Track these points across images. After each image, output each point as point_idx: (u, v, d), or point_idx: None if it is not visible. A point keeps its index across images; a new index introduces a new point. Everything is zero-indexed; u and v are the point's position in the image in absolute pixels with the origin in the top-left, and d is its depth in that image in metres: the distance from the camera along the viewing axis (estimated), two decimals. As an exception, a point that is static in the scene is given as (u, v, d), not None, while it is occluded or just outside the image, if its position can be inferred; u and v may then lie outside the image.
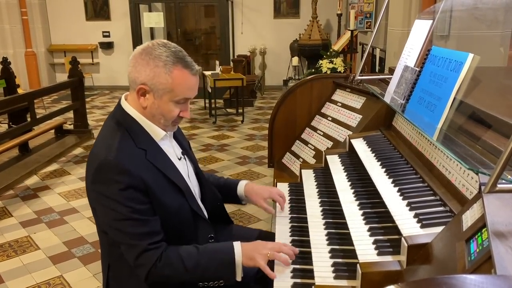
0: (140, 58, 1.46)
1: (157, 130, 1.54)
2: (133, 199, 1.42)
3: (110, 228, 1.47)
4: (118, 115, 1.54)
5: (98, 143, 1.52)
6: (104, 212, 1.47)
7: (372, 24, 7.59)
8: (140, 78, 1.46)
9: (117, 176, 1.40)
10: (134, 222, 1.42)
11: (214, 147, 5.89)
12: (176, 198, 1.54)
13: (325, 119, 2.73)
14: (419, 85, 1.85)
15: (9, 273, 2.97)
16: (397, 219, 1.37)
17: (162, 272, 1.44)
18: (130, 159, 1.43)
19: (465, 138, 1.43)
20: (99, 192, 1.44)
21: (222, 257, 1.50)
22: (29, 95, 5.40)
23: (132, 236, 1.43)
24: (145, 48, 1.48)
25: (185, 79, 1.47)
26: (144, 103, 1.49)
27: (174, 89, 1.46)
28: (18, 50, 9.96)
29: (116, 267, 1.60)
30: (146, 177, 1.44)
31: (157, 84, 1.45)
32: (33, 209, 3.98)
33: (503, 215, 0.94)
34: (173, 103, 1.49)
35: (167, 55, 1.45)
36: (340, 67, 6.10)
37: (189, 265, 1.46)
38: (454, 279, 0.61)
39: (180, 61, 1.47)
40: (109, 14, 10.33)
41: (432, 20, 2.07)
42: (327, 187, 2.04)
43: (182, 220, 1.56)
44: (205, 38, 11.45)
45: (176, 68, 1.45)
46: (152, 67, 1.44)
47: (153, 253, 1.44)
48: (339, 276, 1.38)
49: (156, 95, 1.47)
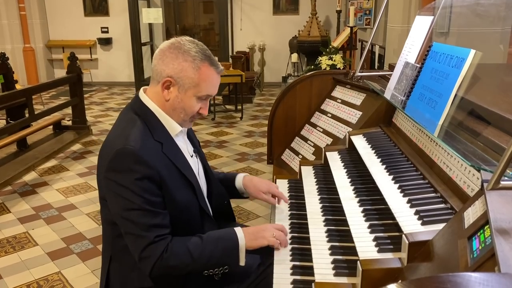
0: (169, 51, 1.50)
1: (174, 125, 1.56)
2: (147, 190, 1.43)
3: (119, 217, 1.47)
4: (136, 107, 1.56)
5: (114, 132, 1.53)
6: (116, 201, 1.46)
7: (371, 21, 7.58)
8: (167, 71, 1.49)
9: (134, 165, 1.41)
10: (146, 212, 1.43)
11: (213, 143, 5.88)
12: (187, 194, 1.55)
13: (324, 115, 2.72)
14: (420, 81, 1.84)
15: (7, 269, 2.96)
16: (398, 216, 1.36)
17: (168, 263, 1.44)
18: (148, 150, 1.45)
19: (466, 135, 1.42)
20: (113, 181, 1.44)
21: (225, 244, 1.52)
22: (27, 90, 5.37)
23: (141, 227, 1.43)
24: (174, 43, 1.52)
25: (211, 76, 1.52)
26: (167, 96, 1.52)
27: (199, 84, 1.50)
28: (16, 45, 9.91)
29: (119, 259, 1.60)
30: (161, 170, 1.45)
31: (184, 78, 1.49)
32: (31, 205, 3.96)
33: (506, 212, 0.93)
34: (195, 98, 1.53)
35: (196, 51, 1.50)
36: (340, 63, 6.09)
37: (195, 255, 1.47)
38: (459, 277, 0.60)
39: (208, 58, 1.52)
40: (107, 10, 10.28)
41: (433, 17, 2.06)
42: (327, 184, 2.03)
43: (190, 217, 1.57)
44: (204, 34, 11.42)
45: (204, 64, 1.50)
46: (180, 61, 1.48)
47: (159, 246, 1.45)
48: (339, 273, 1.37)
49: (180, 89, 1.51)
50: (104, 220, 1.61)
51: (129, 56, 9.90)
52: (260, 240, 1.55)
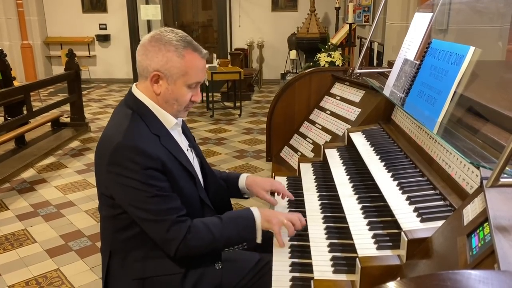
0: (150, 45, 1.49)
1: (169, 117, 1.57)
2: (155, 178, 1.45)
3: (134, 208, 1.47)
4: (130, 102, 1.57)
5: (111, 127, 1.54)
6: (125, 192, 1.47)
7: (370, 18, 7.56)
8: (153, 65, 1.49)
9: (136, 157, 1.42)
10: (160, 198, 1.45)
11: (211, 140, 5.88)
12: (188, 184, 1.58)
13: (323, 112, 2.71)
14: (419, 78, 1.84)
15: (6, 266, 2.96)
16: (397, 213, 1.36)
17: (191, 243, 1.48)
18: (147, 142, 1.46)
19: (465, 132, 1.42)
20: (118, 174, 1.45)
21: (243, 222, 1.58)
22: (25, 87, 5.35)
23: (159, 212, 1.45)
24: (154, 35, 1.51)
25: (196, 61, 1.52)
26: (157, 90, 1.52)
27: (187, 72, 1.50)
28: (14, 42, 9.88)
29: (119, 254, 1.60)
30: (163, 160, 1.47)
31: (171, 69, 1.49)
32: (29, 202, 3.96)
33: (506, 209, 0.93)
34: (186, 87, 1.53)
35: (177, 39, 1.49)
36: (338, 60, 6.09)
37: (217, 234, 1.51)
38: (459, 275, 0.60)
39: (190, 44, 1.51)
40: (106, 7, 10.24)
41: (432, 13, 2.05)
42: (326, 181, 2.03)
43: (191, 206, 1.58)
44: (202, 31, 11.39)
45: (187, 51, 1.50)
46: (164, 53, 1.48)
47: (183, 226, 1.48)
48: (338, 270, 1.37)
49: (170, 81, 1.51)
50: (104, 216, 1.62)
51: (127, 53, 9.89)
52: (271, 224, 1.59)
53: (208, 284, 1.58)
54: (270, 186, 1.89)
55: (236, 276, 1.62)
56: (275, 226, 1.59)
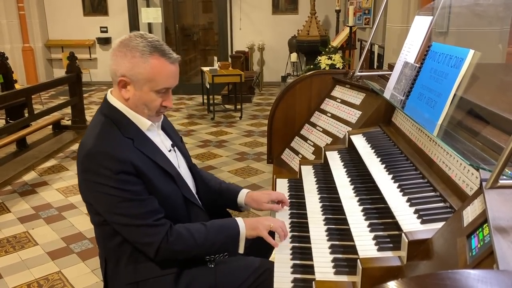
0: (118, 50, 1.49)
1: (143, 120, 1.56)
2: (127, 182, 1.44)
3: (110, 214, 1.48)
4: (104, 109, 1.57)
5: (86, 135, 1.54)
6: (100, 199, 1.47)
7: (370, 20, 7.58)
8: (120, 70, 1.48)
9: (106, 162, 1.42)
10: (133, 203, 1.45)
11: (212, 143, 5.89)
12: (168, 184, 1.56)
13: (324, 115, 2.72)
14: (419, 81, 1.85)
15: (8, 269, 2.96)
16: (397, 215, 1.37)
17: (173, 247, 1.48)
18: (117, 147, 1.45)
19: (465, 134, 1.43)
20: (91, 181, 1.45)
21: (228, 232, 1.59)
22: (27, 90, 5.37)
23: (135, 217, 1.45)
24: (123, 41, 1.50)
25: (163, 67, 1.48)
26: (126, 95, 1.52)
27: (153, 78, 1.47)
28: (15, 45, 9.91)
29: (112, 259, 1.61)
30: (136, 163, 1.45)
31: (136, 75, 1.47)
32: (31, 205, 3.97)
33: (505, 210, 0.94)
34: (154, 92, 1.50)
35: (143, 45, 1.47)
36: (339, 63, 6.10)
37: (199, 240, 1.52)
38: (458, 274, 0.61)
39: (157, 50, 1.48)
40: (106, 9, 10.28)
41: (432, 17, 2.07)
42: (327, 183, 2.04)
43: (175, 206, 1.58)
44: (203, 33, 11.43)
45: (153, 57, 1.47)
46: (129, 58, 1.46)
47: (160, 229, 1.48)
48: (340, 272, 1.38)
49: (136, 86, 1.49)
50: (93, 223, 1.62)
51: (128, 55, 9.88)
52: (258, 230, 1.61)
53: (202, 284, 1.58)
54: (268, 197, 1.89)
55: (234, 280, 1.62)
56: (262, 231, 1.61)
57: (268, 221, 1.64)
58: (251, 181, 4.50)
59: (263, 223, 1.63)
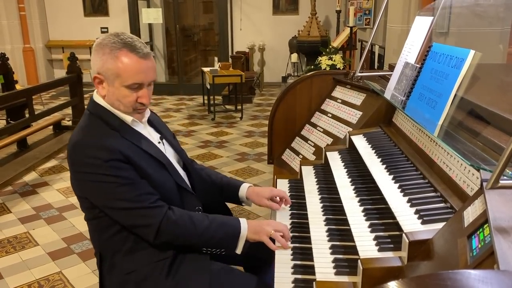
0: (94, 49, 1.52)
1: (125, 115, 1.57)
2: (117, 168, 1.45)
3: (106, 201, 1.49)
4: (90, 106, 1.60)
5: (73, 131, 1.56)
6: (94, 189, 1.49)
7: (371, 21, 7.58)
8: (94, 68, 1.52)
9: (94, 152, 1.44)
10: (127, 187, 1.46)
11: (213, 143, 5.89)
12: (158, 170, 1.57)
13: (325, 115, 2.73)
14: (420, 81, 1.85)
15: (8, 269, 2.97)
16: (398, 215, 1.37)
17: (173, 230, 1.50)
18: (104, 137, 1.48)
19: (466, 135, 1.43)
20: (82, 172, 1.47)
21: (229, 229, 1.59)
22: (27, 91, 5.37)
23: (130, 200, 1.46)
24: (99, 40, 1.53)
25: (132, 63, 1.48)
26: (102, 92, 1.55)
27: (121, 74, 1.48)
28: (16, 45, 9.91)
29: (106, 253, 1.62)
30: (125, 151, 1.47)
31: (107, 71, 1.49)
32: (31, 205, 3.97)
33: (505, 211, 0.94)
34: (125, 88, 1.50)
35: (114, 41, 1.48)
36: (339, 63, 6.11)
37: (200, 229, 1.53)
38: (459, 274, 0.61)
39: (126, 45, 1.48)
40: (107, 10, 10.28)
41: (433, 17, 2.07)
42: (327, 183, 2.04)
43: (168, 192, 1.59)
44: (203, 34, 11.43)
45: (121, 52, 1.47)
46: (101, 55, 1.49)
47: (158, 211, 1.49)
48: (340, 272, 1.38)
49: (109, 82, 1.51)
50: (87, 219, 1.63)
51: (129, 56, 9.88)
52: (260, 235, 1.60)
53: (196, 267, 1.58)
54: (270, 193, 1.90)
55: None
56: (263, 236, 1.61)
57: (269, 227, 1.63)
58: (251, 181, 4.50)
59: (265, 228, 1.62)
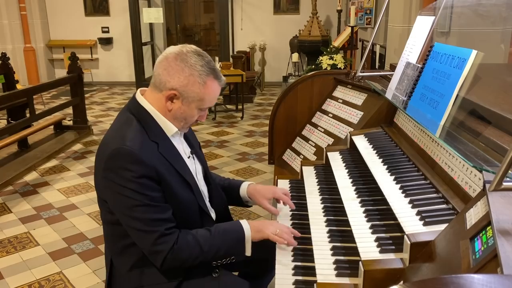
0: (174, 63, 1.48)
1: (170, 125, 1.57)
2: (147, 187, 1.44)
3: (125, 216, 1.48)
4: (132, 108, 1.57)
5: (111, 133, 1.54)
6: (117, 200, 1.47)
7: (372, 20, 7.57)
8: (172, 83, 1.49)
9: (130, 165, 1.42)
10: (150, 208, 1.45)
11: (213, 143, 5.88)
12: (186, 192, 1.57)
13: (326, 115, 2.72)
14: (421, 81, 1.84)
15: (9, 269, 2.96)
16: (400, 217, 1.36)
17: (179, 255, 1.48)
18: (143, 150, 1.46)
19: (468, 135, 1.42)
20: (111, 181, 1.45)
21: (233, 235, 1.58)
22: (28, 91, 5.37)
23: (148, 222, 1.45)
24: (179, 54, 1.50)
25: (215, 89, 1.54)
26: (170, 107, 1.53)
27: (204, 98, 1.52)
28: (17, 45, 9.92)
29: (117, 262, 1.61)
30: (158, 168, 1.46)
31: (189, 92, 1.50)
32: (32, 205, 3.97)
33: (509, 213, 0.93)
34: (197, 110, 1.55)
35: (201, 64, 1.50)
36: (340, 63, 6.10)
37: (205, 247, 1.52)
38: (462, 279, 0.60)
39: (213, 72, 1.52)
40: (108, 10, 10.28)
41: (434, 17, 2.06)
42: (328, 184, 2.03)
43: (190, 216, 1.58)
44: (204, 34, 11.42)
45: (209, 79, 1.51)
46: (187, 75, 1.48)
47: (170, 238, 1.47)
48: (341, 274, 1.37)
49: (184, 102, 1.52)
50: (104, 220, 1.62)
51: (129, 56, 9.90)
52: (263, 232, 1.60)
53: None
54: (272, 194, 1.88)
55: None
56: (267, 232, 1.60)
57: (273, 227, 1.63)
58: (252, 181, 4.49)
59: (268, 227, 1.62)
